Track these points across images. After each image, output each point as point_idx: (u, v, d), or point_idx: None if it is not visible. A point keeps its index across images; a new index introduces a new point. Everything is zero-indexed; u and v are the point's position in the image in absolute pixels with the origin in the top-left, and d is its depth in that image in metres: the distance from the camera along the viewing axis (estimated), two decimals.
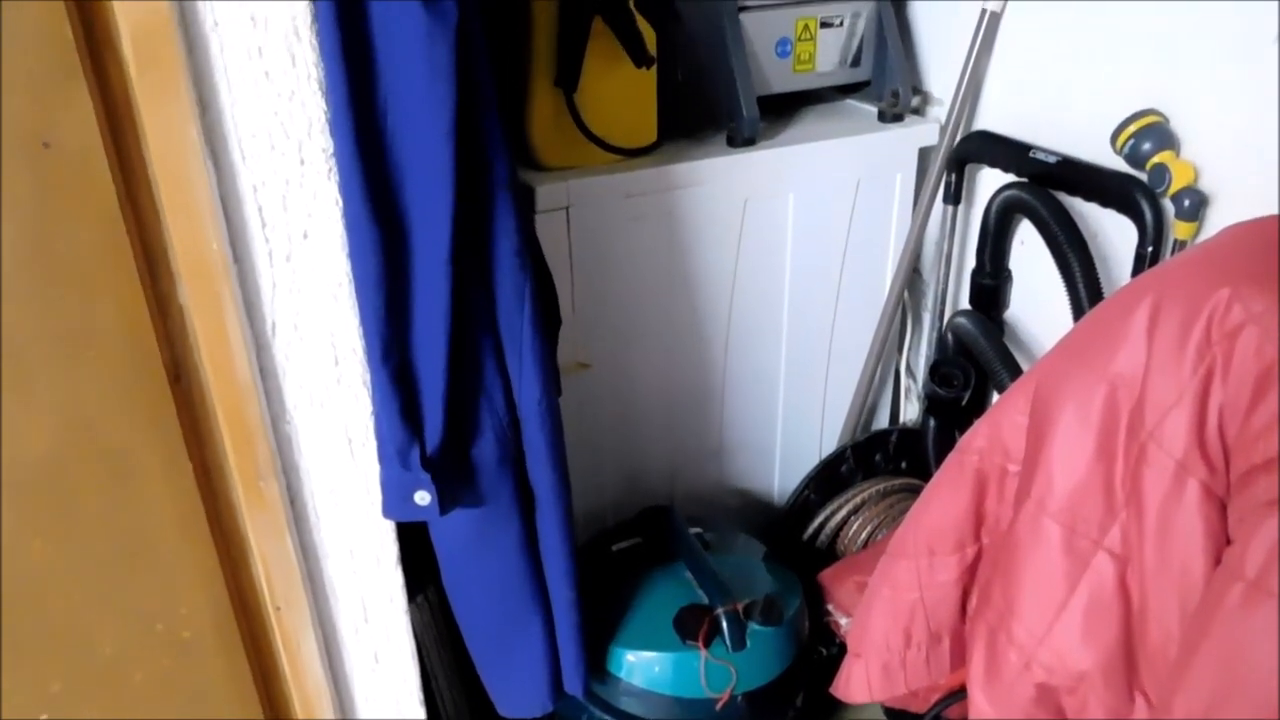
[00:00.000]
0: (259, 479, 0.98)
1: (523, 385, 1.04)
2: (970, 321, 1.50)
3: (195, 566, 1.00)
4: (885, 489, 1.60)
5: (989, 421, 1.04)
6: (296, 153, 0.87)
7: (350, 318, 0.95)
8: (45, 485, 0.90)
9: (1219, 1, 1.18)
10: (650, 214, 1.36)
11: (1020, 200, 1.40)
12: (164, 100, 0.81)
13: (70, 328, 0.86)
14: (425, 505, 1.00)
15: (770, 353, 1.57)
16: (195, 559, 1.00)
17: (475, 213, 0.96)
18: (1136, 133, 1.26)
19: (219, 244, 0.87)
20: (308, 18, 0.84)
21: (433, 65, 0.86)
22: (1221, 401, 0.84)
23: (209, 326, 0.90)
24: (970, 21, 1.44)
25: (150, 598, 0.99)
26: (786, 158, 1.43)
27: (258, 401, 0.95)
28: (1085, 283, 1.33)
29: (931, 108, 1.59)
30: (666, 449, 1.56)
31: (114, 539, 0.95)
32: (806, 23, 1.46)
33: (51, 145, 0.79)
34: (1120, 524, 0.93)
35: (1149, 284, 0.90)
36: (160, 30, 0.78)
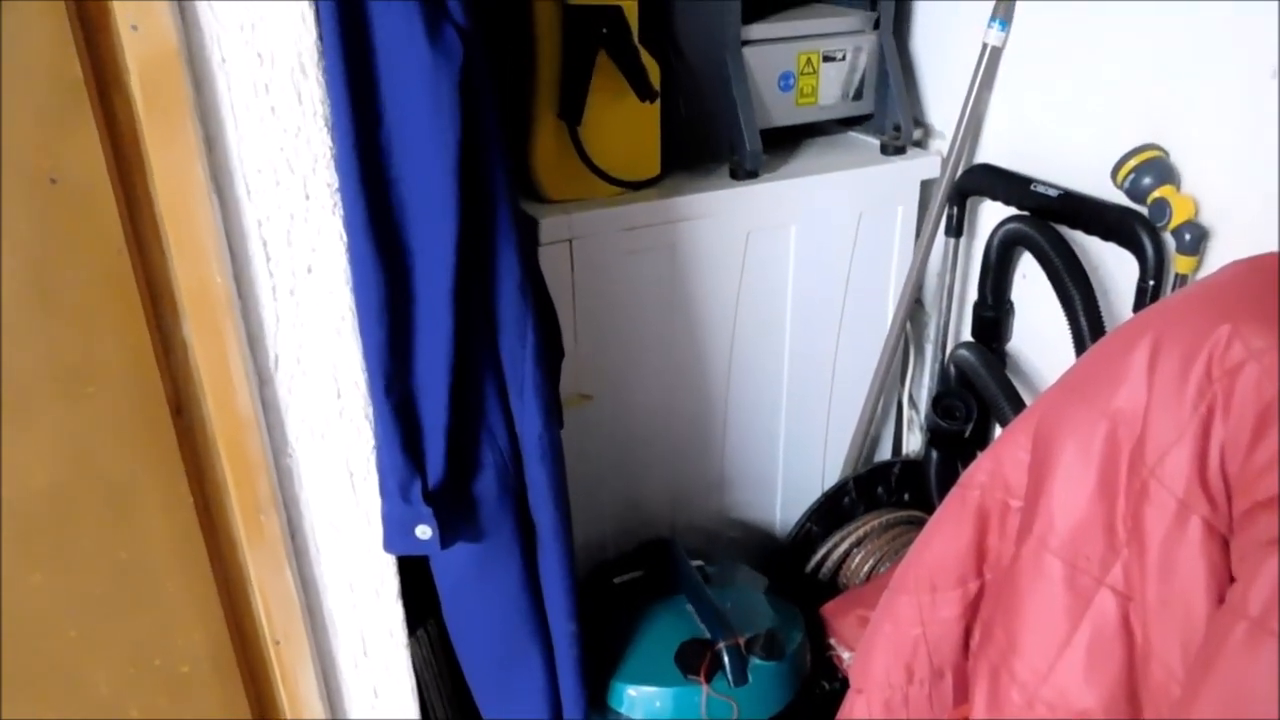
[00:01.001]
0: (259, 512, 0.98)
1: (524, 419, 1.04)
2: (972, 354, 1.50)
3: (194, 600, 1.00)
4: (887, 521, 1.60)
5: (991, 457, 1.04)
6: (301, 188, 0.88)
7: (353, 351, 0.96)
8: (45, 518, 0.91)
9: (1219, 36, 1.19)
10: (653, 246, 1.37)
11: (1022, 233, 1.41)
12: (171, 136, 0.82)
13: (73, 361, 0.86)
14: (426, 540, 1.00)
15: (772, 384, 1.57)
16: (194, 593, 1.00)
17: (478, 246, 0.96)
18: (1137, 167, 1.26)
19: (223, 278, 0.88)
20: (314, 54, 0.84)
21: (437, 101, 0.87)
22: (1223, 439, 0.84)
23: (211, 360, 0.91)
24: (971, 55, 1.45)
25: (148, 631, 0.99)
26: (789, 190, 1.44)
27: (259, 435, 0.95)
28: (1087, 315, 1.33)
29: (933, 140, 1.60)
30: (668, 480, 1.56)
31: (113, 572, 0.95)
32: (809, 57, 1.47)
33: (58, 181, 0.79)
34: (1122, 561, 0.92)
35: (1149, 321, 0.90)
36: (168, 67, 0.79)
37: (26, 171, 0.78)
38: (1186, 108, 1.24)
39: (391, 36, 0.85)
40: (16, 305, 0.82)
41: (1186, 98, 1.24)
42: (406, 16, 0.84)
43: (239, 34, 0.81)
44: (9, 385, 0.84)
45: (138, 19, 0.77)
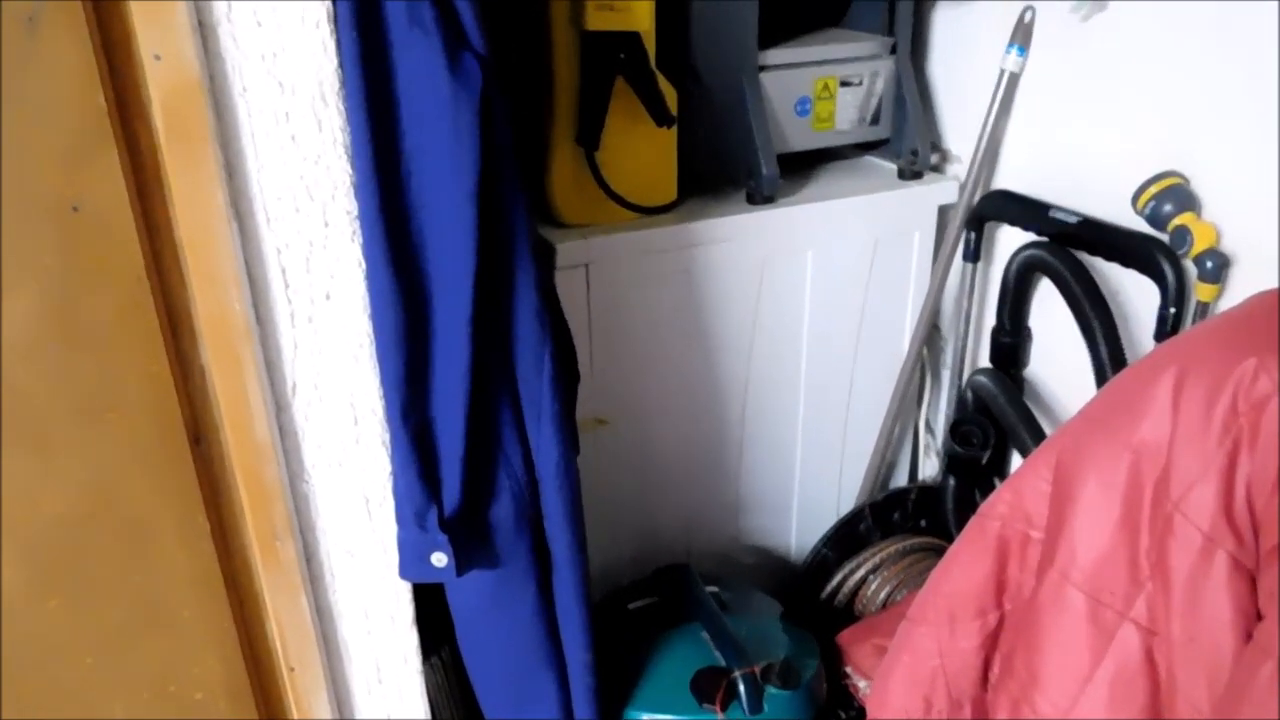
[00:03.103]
0: (275, 539, 0.98)
1: (541, 446, 1.04)
2: (990, 380, 1.49)
3: (209, 626, 0.99)
4: (904, 548, 1.58)
5: (1011, 487, 1.03)
6: (321, 215, 0.88)
7: (371, 378, 0.96)
8: (62, 545, 0.91)
9: (1238, 63, 1.18)
10: (669, 271, 1.36)
11: (1041, 260, 1.40)
12: (192, 164, 0.82)
13: (92, 388, 0.86)
14: (442, 567, 1.00)
15: (788, 409, 1.56)
16: (209, 619, 0.99)
17: (496, 273, 0.96)
18: (1157, 194, 1.25)
19: (242, 305, 0.88)
20: (335, 83, 0.85)
21: (456, 129, 0.87)
22: (1249, 473, 0.83)
23: (230, 387, 0.91)
24: (989, 81, 1.45)
25: (163, 658, 0.99)
26: (806, 215, 1.43)
27: (276, 462, 0.95)
28: (1107, 343, 1.32)
29: (951, 165, 1.59)
30: (683, 505, 1.55)
31: (129, 598, 0.95)
32: (826, 82, 1.47)
33: (80, 209, 0.80)
34: (1146, 595, 0.91)
35: (1172, 353, 0.89)
36: (190, 96, 0.80)
37: (49, 200, 0.79)
38: (1206, 134, 1.24)
39: (412, 65, 0.85)
40: (36, 332, 0.82)
41: (1206, 124, 1.24)
42: (427, 45, 0.84)
43: (260, 63, 0.81)
44: (27, 412, 0.85)
45: (161, 49, 0.77)
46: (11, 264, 0.79)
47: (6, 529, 0.87)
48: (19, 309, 0.81)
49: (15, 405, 0.84)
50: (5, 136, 0.76)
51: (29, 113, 0.76)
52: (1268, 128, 1.16)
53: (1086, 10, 1.33)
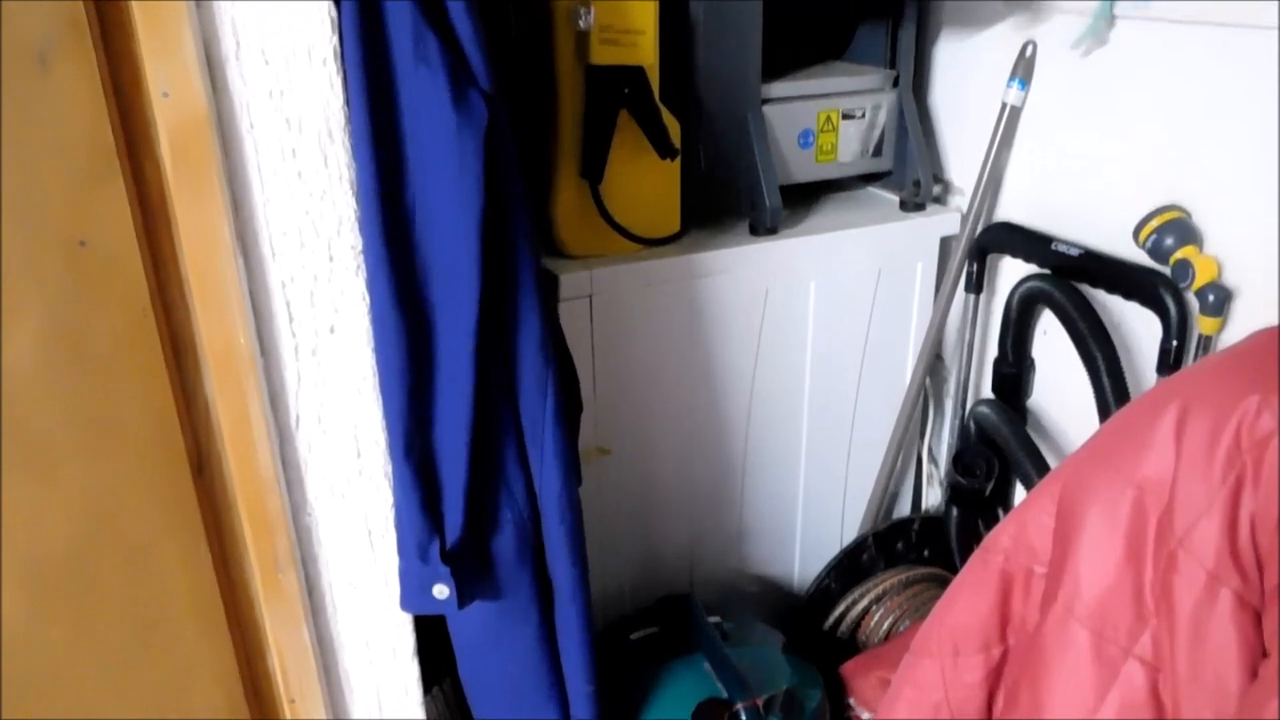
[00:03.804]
0: (278, 570, 0.98)
1: (544, 478, 1.04)
2: (992, 411, 1.49)
3: (211, 657, 0.99)
4: (907, 579, 1.58)
5: (1014, 521, 1.03)
6: (326, 249, 0.89)
7: (374, 410, 0.96)
8: (65, 574, 0.91)
9: (1239, 97, 1.19)
10: (672, 302, 1.37)
11: (1043, 292, 1.40)
12: (198, 198, 0.83)
13: (96, 419, 0.87)
14: (444, 599, 1.00)
15: (791, 439, 1.56)
16: (211, 650, 0.99)
17: (500, 307, 0.96)
18: (1159, 228, 1.26)
19: (246, 338, 0.88)
20: (341, 119, 0.86)
21: (462, 165, 0.87)
22: (1253, 510, 0.83)
23: (233, 419, 0.91)
24: (991, 113, 1.45)
25: (165, 688, 0.98)
26: (808, 247, 1.44)
27: (279, 493, 0.95)
28: (1109, 375, 1.32)
29: (953, 196, 1.60)
30: (686, 535, 1.55)
31: (130, 628, 0.95)
32: (828, 115, 1.48)
33: (87, 243, 0.80)
34: (1151, 631, 0.91)
35: (1176, 388, 0.89)
36: (197, 132, 0.80)
37: (57, 235, 0.79)
38: (1207, 168, 1.24)
39: (418, 102, 0.86)
40: (41, 363, 0.82)
41: (1207, 158, 1.24)
42: (433, 82, 0.85)
43: (268, 100, 0.82)
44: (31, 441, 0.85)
45: (169, 86, 0.78)
46: (18, 296, 0.80)
47: (8, 556, 0.87)
48: (24, 339, 0.81)
49: (19, 433, 0.84)
50: (15, 171, 0.77)
51: (38, 148, 0.77)
52: (1269, 162, 1.17)
53: (1087, 45, 1.34)
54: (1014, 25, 1.45)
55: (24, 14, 0.74)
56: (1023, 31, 1.43)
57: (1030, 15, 1.42)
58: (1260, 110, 1.17)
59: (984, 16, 1.49)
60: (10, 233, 0.78)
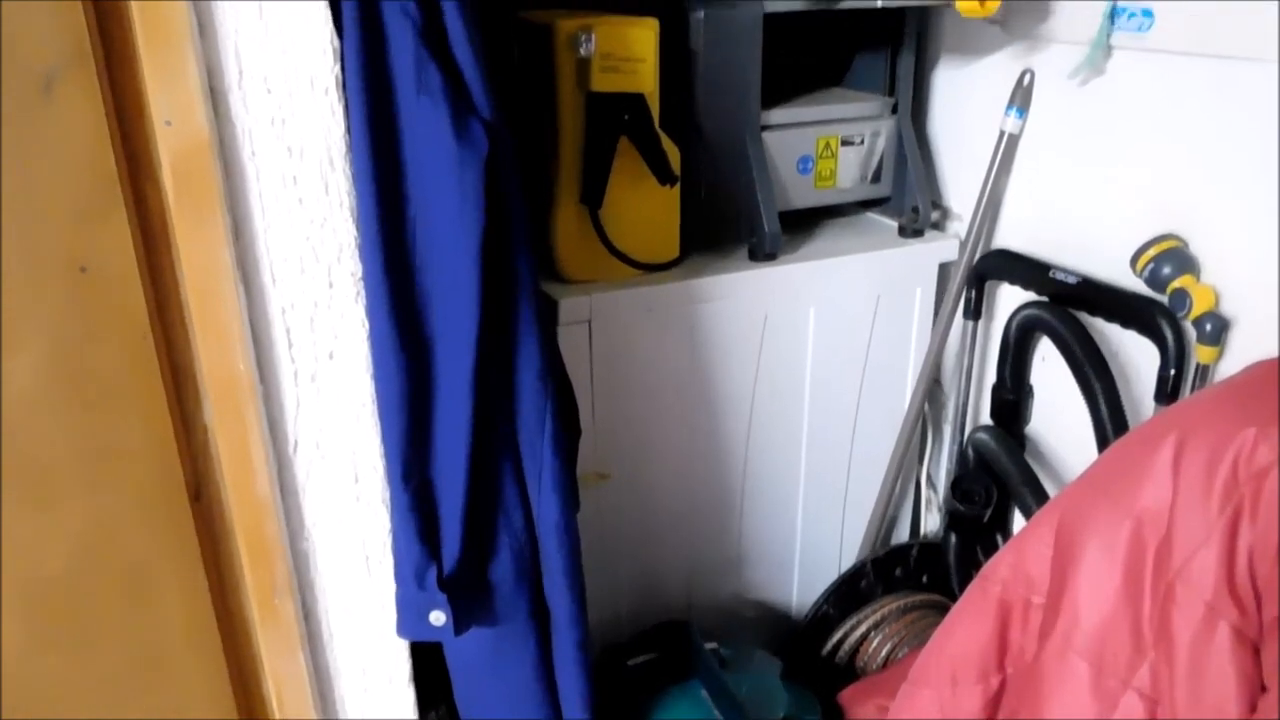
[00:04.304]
0: (274, 596, 0.98)
1: (541, 505, 1.04)
2: (991, 437, 1.49)
3: (206, 684, 0.99)
4: (906, 605, 1.57)
5: (1013, 550, 1.03)
6: (326, 276, 0.89)
7: (372, 436, 0.96)
8: (62, 599, 0.91)
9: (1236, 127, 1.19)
10: (671, 327, 1.37)
11: (1040, 319, 1.40)
12: (200, 226, 0.83)
13: (95, 445, 0.87)
14: (440, 626, 0.99)
15: (789, 464, 1.56)
16: (206, 676, 0.99)
17: (499, 334, 0.96)
18: (1156, 256, 1.26)
19: (246, 364, 0.88)
20: (343, 148, 0.86)
21: (462, 194, 0.88)
22: (1250, 543, 0.83)
23: (232, 444, 0.91)
24: (989, 140, 1.46)
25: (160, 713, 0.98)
26: (807, 273, 1.44)
27: (277, 519, 0.95)
28: (1107, 403, 1.33)
29: (951, 223, 1.61)
30: (684, 560, 1.54)
31: (126, 654, 0.95)
32: (828, 141, 1.48)
33: (88, 270, 0.81)
34: (1149, 663, 0.90)
35: (1173, 419, 0.90)
36: (199, 160, 0.81)
37: (58, 261, 0.80)
38: (1204, 198, 1.25)
39: (419, 131, 0.86)
40: (41, 389, 0.83)
41: (1204, 188, 1.25)
42: (434, 112, 0.86)
43: (270, 128, 0.83)
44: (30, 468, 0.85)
45: (172, 114, 0.78)
46: (18, 322, 0.80)
47: (6, 582, 0.87)
48: (23, 365, 0.81)
49: (17, 460, 0.84)
50: (17, 197, 0.77)
51: (41, 175, 0.77)
52: (1266, 191, 1.17)
53: (1084, 75, 1.35)
54: (1012, 54, 1.46)
55: (30, 41, 0.75)
56: (1020, 60, 1.44)
57: (1028, 44, 1.43)
58: (1257, 140, 1.17)
59: (982, 45, 1.50)
60: (12, 258, 0.78)
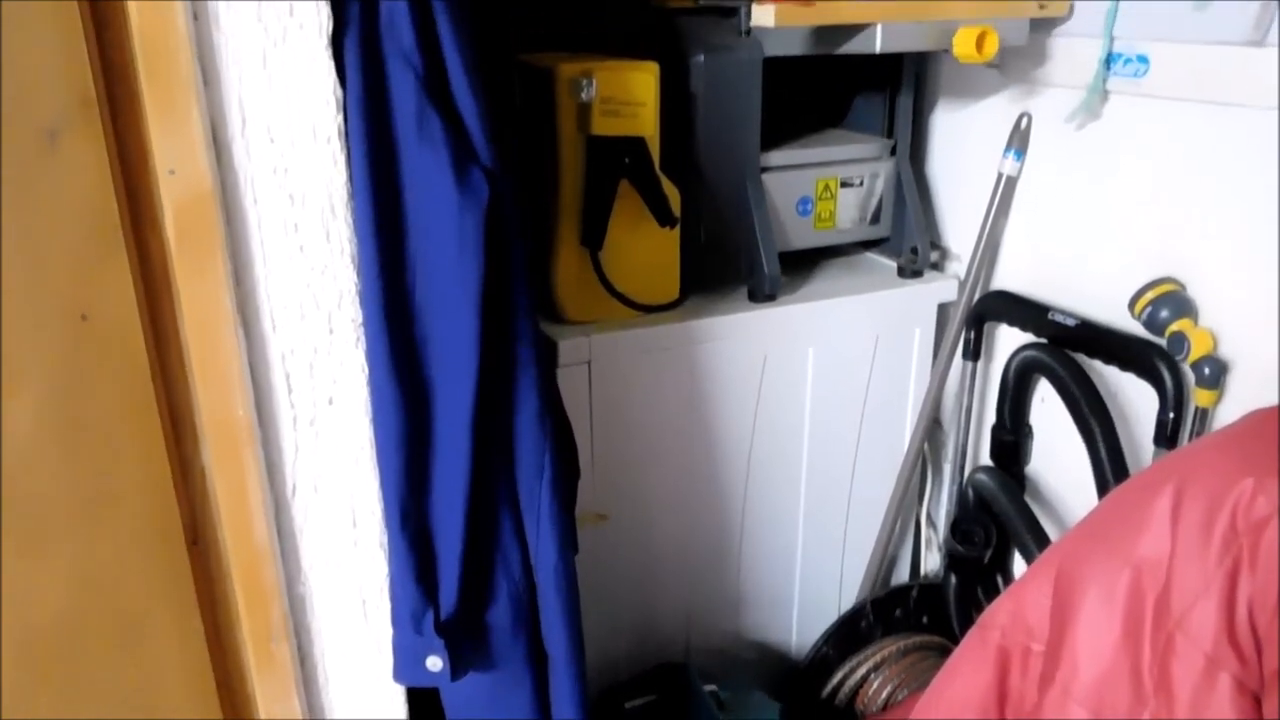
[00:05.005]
0: (270, 640, 0.97)
1: (540, 547, 1.03)
2: (991, 479, 1.49)
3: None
4: (906, 647, 1.56)
5: (1012, 597, 1.02)
6: (326, 322, 0.89)
7: (370, 481, 0.96)
8: (56, 644, 0.90)
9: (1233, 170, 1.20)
10: (671, 368, 1.37)
11: (1039, 361, 1.41)
12: (201, 272, 0.84)
13: (92, 490, 0.87)
14: (437, 671, 0.99)
15: (789, 504, 1.56)
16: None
17: (498, 378, 0.97)
18: (1154, 300, 1.27)
19: (245, 409, 0.88)
20: (344, 195, 0.87)
21: (462, 241, 0.88)
22: (1250, 594, 0.82)
23: (230, 489, 0.91)
24: (988, 182, 1.47)
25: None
26: (806, 313, 1.45)
27: (274, 562, 0.95)
28: (1106, 446, 1.32)
29: (950, 263, 1.61)
30: (683, 600, 1.54)
31: (121, 699, 0.94)
32: (827, 183, 1.49)
33: (89, 317, 0.81)
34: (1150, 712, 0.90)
35: (1171, 468, 0.89)
36: (202, 208, 0.81)
37: (59, 308, 0.80)
38: (1202, 241, 1.26)
39: (420, 179, 0.87)
40: (39, 435, 0.83)
41: (1202, 232, 1.25)
42: (435, 160, 0.86)
43: (272, 176, 0.83)
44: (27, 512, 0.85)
45: (176, 163, 0.79)
46: (17, 368, 0.80)
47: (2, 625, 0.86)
48: (23, 411, 0.82)
49: (14, 504, 0.84)
50: (20, 245, 0.78)
51: (45, 224, 0.78)
52: (1264, 235, 1.18)
53: (1081, 118, 1.36)
54: (1009, 97, 1.48)
55: (37, 92, 0.76)
56: (1018, 103, 1.45)
57: (1025, 88, 1.44)
58: (1255, 185, 1.18)
59: (980, 88, 1.52)
60: (14, 306, 0.78)
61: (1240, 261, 1.22)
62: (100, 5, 0.77)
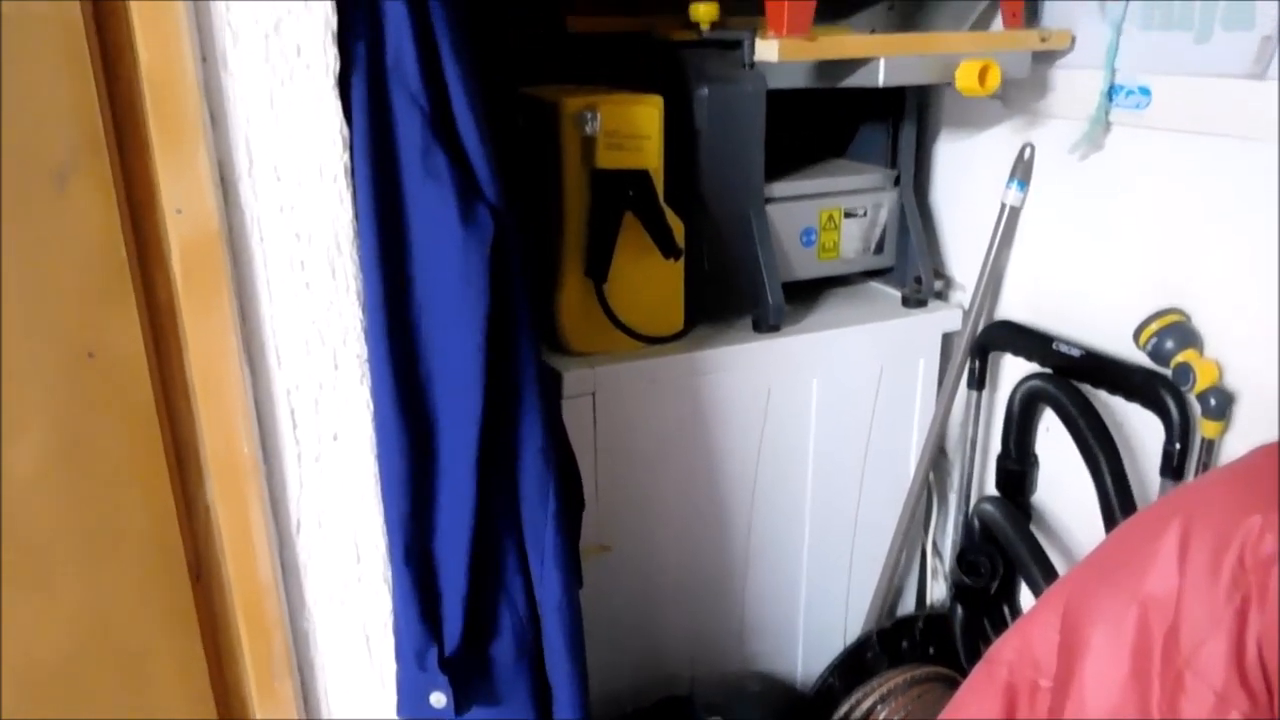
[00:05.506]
0: (274, 677, 0.97)
1: (544, 583, 1.03)
2: (996, 509, 1.49)
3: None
4: (912, 678, 1.55)
5: (1019, 633, 1.02)
6: (331, 358, 0.90)
7: (375, 516, 0.96)
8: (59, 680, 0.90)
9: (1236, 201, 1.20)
10: (675, 399, 1.37)
11: (1044, 392, 1.41)
12: (207, 310, 0.84)
13: (96, 527, 0.87)
14: (441, 707, 0.98)
15: (793, 535, 1.56)
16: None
17: (502, 412, 0.97)
18: (1159, 331, 1.26)
19: (250, 446, 0.89)
20: (350, 232, 0.87)
21: (467, 278, 0.89)
22: (1260, 631, 0.82)
23: (234, 525, 0.91)
24: (991, 211, 1.47)
25: None
26: (811, 343, 1.45)
27: (278, 598, 0.95)
28: (1112, 476, 1.32)
29: (954, 292, 1.61)
30: (687, 631, 1.53)
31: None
32: (831, 213, 1.50)
33: (96, 355, 0.81)
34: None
35: (1178, 504, 0.89)
36: (209, 247, 0.82)
37: (66, 347, 0.80)
38: (1206, 272, 1.26)
39: (425, 216, 0.87)
40: (43, 471, 0.83)
41: (1206, 262, 1.25)
42: (441, 197, 0.87)
43: (279, 215, 0.84)
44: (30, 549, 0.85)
45: (183, 203, 0.80)
46: (23, 405, 0.80)
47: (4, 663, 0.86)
48: (27, 449, 0.82)
49: (18, 541, 0.84)
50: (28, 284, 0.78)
51: (53, 263, 0.78)
52: (1266, 266, 1.18)
53: (1084, 149, 1.36)
54: (1012, 128, 1.48)
55: (46, 133, 0.76)
56: (1021, 134, 1.46)
57: (1028, 119, 1.45)
58: (1258, 216, 1.18)
59: (983, 119, 1.52)
60: (20, 344, 0.79)
61: (1244, 292, 1.22)
62: (109, 46, 0.78)
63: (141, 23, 0.77)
